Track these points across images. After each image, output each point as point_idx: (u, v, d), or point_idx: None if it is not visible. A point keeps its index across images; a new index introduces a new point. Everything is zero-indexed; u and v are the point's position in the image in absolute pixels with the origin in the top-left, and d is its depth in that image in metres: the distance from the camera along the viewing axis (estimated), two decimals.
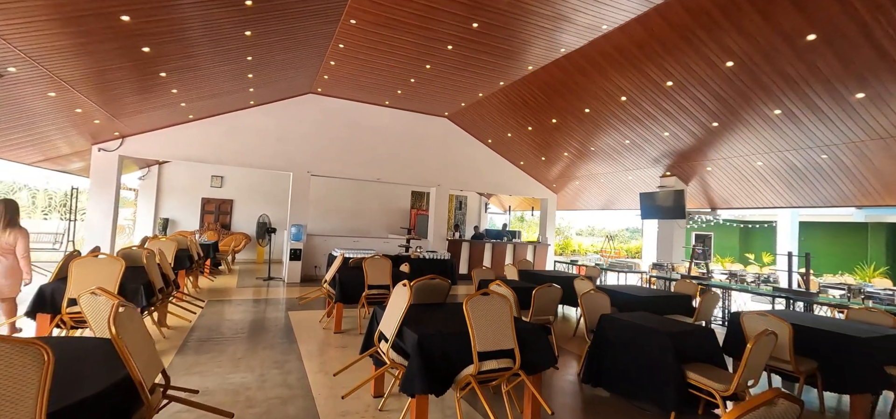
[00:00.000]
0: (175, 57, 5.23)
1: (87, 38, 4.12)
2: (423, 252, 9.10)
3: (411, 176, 10.37)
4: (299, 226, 8.91)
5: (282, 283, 8.67)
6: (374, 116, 9.92)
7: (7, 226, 3.77)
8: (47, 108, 5.51)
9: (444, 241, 10.56)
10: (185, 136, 8.20)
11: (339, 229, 13.09)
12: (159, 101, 6.61)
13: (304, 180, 9.19)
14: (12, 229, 3.79)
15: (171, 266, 6.17)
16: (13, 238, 3.80)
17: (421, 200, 14.68)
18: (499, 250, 11.17)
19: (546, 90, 7.59)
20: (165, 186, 11.39)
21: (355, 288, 5.16)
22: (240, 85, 7.19)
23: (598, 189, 11.40)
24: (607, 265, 8.89)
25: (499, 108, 8.95)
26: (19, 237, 3.83)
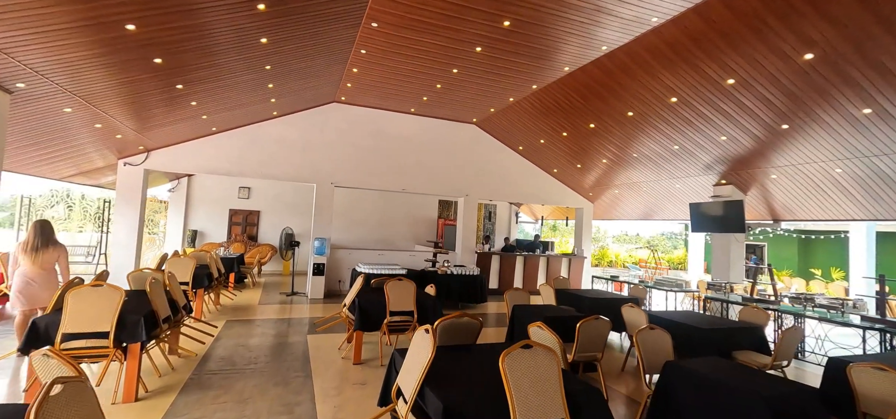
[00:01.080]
0: (190, 68, 4.98)
1: (94, 49, 3.89)
2: (451, 267, 8.60)
3: (438, 186, 9.91)
4: (322, 240, 8.61)
5: (305, 299, 8.38)
6: (400, 124, 9.54)
7: (46, 244, 4.05)
8: (67, 123, 5.40)
9: (473, 254, 10.01)
10: (208, 149, 8.08)
11: (364, 240, 12.79)
12: (180, 114, 6.44)
13: (327, 192, 8.91)
14: (54, 247, 4.10)
15: (188, 284, 5.98)
16: (54, 254, 4.10)
17: (448, 209, 14.21)
18: (531, 264, 10.51)
19: (584, 92, 6.94)
20: (194, 198, 11.44)
21: (376, 313, 4.71)
22: (261, 95, 6.95)
23: (638, 198, 10.55)
24: (653, 282, 8.08)
25: (531, 114, 8.36)
26: (60, 254, 4.17)
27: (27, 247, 3.99)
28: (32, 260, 3.98)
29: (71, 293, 3.24)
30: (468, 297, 8.12)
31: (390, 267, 8.04)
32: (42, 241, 4.02)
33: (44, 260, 4.02)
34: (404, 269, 8.05)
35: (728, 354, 4.25)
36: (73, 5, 3.21)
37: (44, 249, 4.02)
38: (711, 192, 8.05)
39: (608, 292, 6.83)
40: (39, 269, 4.01)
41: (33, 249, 3.99)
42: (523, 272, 10.46)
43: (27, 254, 3.98)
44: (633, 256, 16.83)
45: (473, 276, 8.27)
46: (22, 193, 9.39)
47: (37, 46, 3.55)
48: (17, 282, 3.99)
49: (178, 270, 5.93)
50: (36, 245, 4.00)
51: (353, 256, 9.20)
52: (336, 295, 8.83)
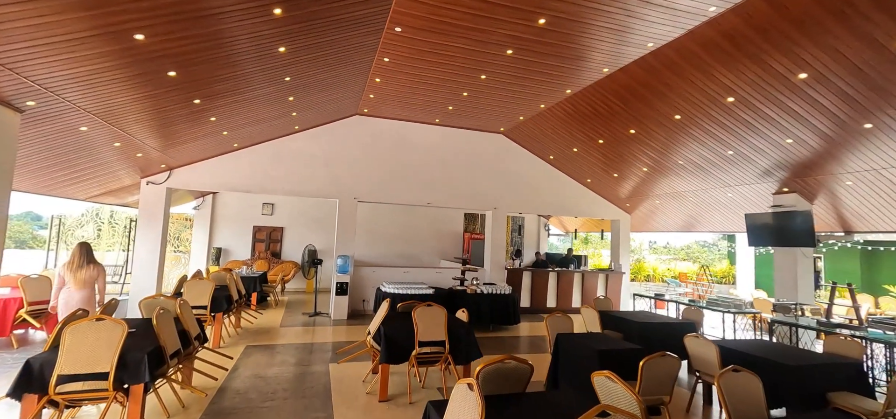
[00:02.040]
0: (206, 81, 4.73)
1: (104, 62, 3.64)
2: (480, 285, 8.07)
3: (465, 199, 9.44)
4: (346, 258, 8.26)
5: (328, 320, 8.01)
6: (425, 136, 9.16)
7: (87, 264, 4.37)
8: (86, 143, 5.25)
9: (503, 270, 9.45)
10: (231, 166, 7.90)
11: (388, 256, 12.42)
12: (200, 130, 6.25)
13: (350, 207, 8.58)
14: (94, 266, 4.41)
15: (206, 308, 5.69)
16: (94, 273, 4.40)
17: (474, 223, 13.71)
18: (565, 280, 9.84)
19: (624, 95, 6.36)
20: (219, 215, 11.38)
21: (404, 343, 4.24)
22: (281, 109, 6.71)
23: (681, 208, 9.76)
24: (705, 301, 7.30)
25: (563, 121, 7.81)
26: (100, 273, 4.45)
27: (72, 266, 4.32)
28: (75, 278, 4.31)
29: (69, 329, 2.92)
30: (500, 319, 7.56)
31: (416, 286, 7.59)
32: (84, 261, 4.36)
33: (85, 278, 4.35)
34: (431, 289, 7.58)
35: (822, 397, 3.55)
36: (76, 13, 2.94)
37: (85, 268, 4.35)
38: (770, 201, 7.24)
39: (658, 315, 6.14)
40: (81, 287, 4.34)
41: (77, 268, 4.32)
42: (557, 289, 9.80)
43: (72, 273, 4.31)
44: (673, 270, 15.80)
45: (505, 296, 7.71)
46: (53, 213, 9.50)
47: (42, 60, 3.32)
48: (62, 298, 4.35)
49: (195, 294, 5.66)
50: (79, 264, 4.33)
51: (378, 275, 8.81)
52: (360, 315, 8.43)
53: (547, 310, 9.66)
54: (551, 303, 9.76)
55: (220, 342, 5.85)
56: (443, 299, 7.45)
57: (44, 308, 5.78)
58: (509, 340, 7.02)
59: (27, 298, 5.56)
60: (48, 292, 5.83)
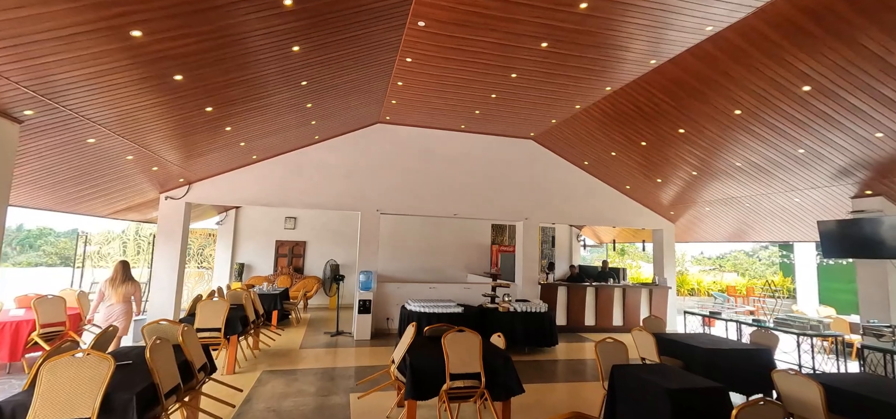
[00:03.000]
0: (216, 86, 4.39)
1: (100, 64, 3.31)
2: (513, 301, 7.43)
3: (494, 209, 8.86)
4: (368, 274, 7.80)
5: (351, 340, 7.54)
6: (450, 143, 8.67)
7: (126, 280, 5.05)
8: (96, 156, 5.00)
9: (536, 286, 8.77)
10: (250, 179, 7.63)
11: (412, 270, 11.92)
12: (215, 141, 5.95)
13: (373, 220, 8.15)
14: (131, 282, 5.10)
15: (220, 330, 5.31)
16: (132, 288, 5.10)
17: (502, 234, 13.07)
18: (604, 296, 9.05)
19: (673, 90, 5.67)
20: (242, 230, 11.20)
21: (434, 374, 3.67)
22: (300, 117, 6.36)
23: (733, 215, 8.84)
24: (771, 321, 6.40)
25: (601, 122, 7.15)
26: (136, 288, 5.16)
27: (114, 283, 4.97)
28: (116, 293, 4.96)
29: (47, 367, 2.52)
30: (536, 340, 6.88)
31: (444, 304, 7.03)
32: (123, 277, 5.02)
33: (124, 293, 5.00)
34: (460, 306, 7.00)
35: None
36: (60, 4, 2.59)
37: (125, 284, 5.01)
38: (848, 206, 6.33)
39: (726, 340, 5.32)
40: (120, 301, 4.99)
41: (120, 284, 4.97)
42: (595, 306, 9.02)
43: (114, 289, 4.95)
44: (719, 282, 14.59)
45: (541, 314, 7.04)
46: (79, 231, 9.51)
47: (30, 61, 3.00)
48: (103, 312, 4.98)
49: (208, 315, 5.29)
50: (121, 280, 4.99)
51: (402, 291, 8.30)
52: (384, 335, 7.93)
53: (585, 328, 8.89)
54: (589, 321, 8.98)
55: (234, 367, 5.45)
56: (473, 318, 6.86)
57: (58, 330, 5.55)
58: (547, 365, 6.33)
59: (40, 320, 5.33)
60: (63, 313, 5.61)
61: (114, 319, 4.92)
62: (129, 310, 5.09)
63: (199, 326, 5.26)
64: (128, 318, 5.10)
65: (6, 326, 5.17)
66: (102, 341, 3.50)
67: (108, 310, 4.96)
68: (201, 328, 5.26)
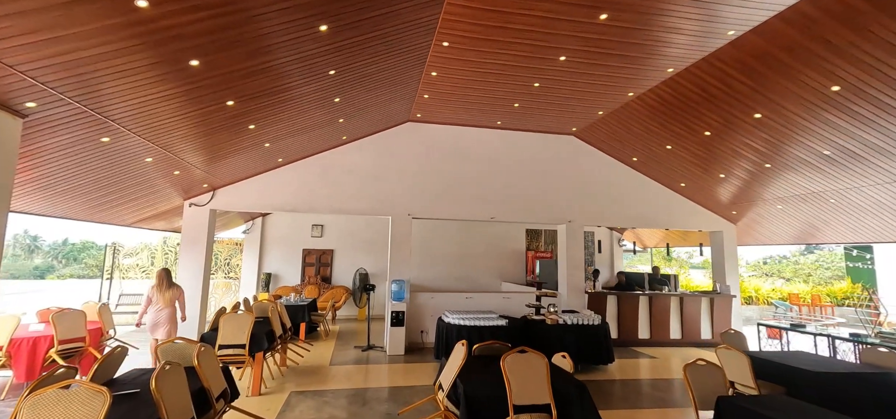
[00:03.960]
0: (236, 75, 3.93)
1: (106, 45, 2.87)
2: (559, 312, 6.69)
3: (534, 212, 8.16)
4: (401, 283, 7.23)
5: (383, 355, 6.97)
6: (485, 142, 8.06)
7: (170, 286, 5.30)
8: (113, 158, 4.65)
9: (582, 294, 7.99)
10: (276, 183, 7.23)
11: (444, 279, 11.31)
12: (239, 141, 5.54)
13: (404, 225, 7.60)
14: (175, 288, 5.37)
15: (245, 347, 4.82)
16: (176, 293, 5.37)
17: (537, 240, 12.31)
18: (659, 306, 8.16)
19: (753, 67, 4.87)
20: (268, 239, 10.89)
21: (492, 405, 3.02)
22: (327, 114, 5.89)
23: (808, 213, 7.83)
24: (875, 335, 5.42)
25: (657, 111, 6.38)
26: (180, 293, 5.44)
27: (161, 288, 5.22)
28: (163, 297, 5.20)
29: (30, 402, 2.03)
30: (590, 356, 6.11)
31: (484, 316, 6.37)
32: (167, 284, 5.27)
33: (170, 298, 5.25)
34: (502, 318, 6.33)
35: None
36: None
37: (169, 289, 5.26)
38: None
39: (833, 360, 4.44)
40: (167, 305, 5.22)
41: (166, 289, 5.23)
42: (650, 317, 8.14)
43: (161, 294, 5.19)
44: (780, 290, 13.29)
45: (595, 327, 6.27)
46: (107, 241, 9.40)
47: (21, 40, 2.57)
48: (150, 317, 5.21)
49: (231, 330, 4.82)
50: (166, 286, 5.25)
51: (437, 302, 7.68)
52: (418, 350, 7.32)
53: (638, 342, 8.02)
54: (643, 334, 8.10)
55: (260, 388, 4.95)
56: (517, 332, 6.17)
57: (78, 347, 5.21)
58: (609, 387, 5.55)
59: (58, 336, 4.99)
60: (82, 328, 5.28)
61: (162, 324, 5.20)
62: (174, 315, 5.37)
63: (223, 343, 4.79)
64: (174, 323, 5.38)
65: (23, 343, 4.84)
66: (107, 365, 3.03)
67: (157, 314, 5.21)
68: (224, 345, 4.80)
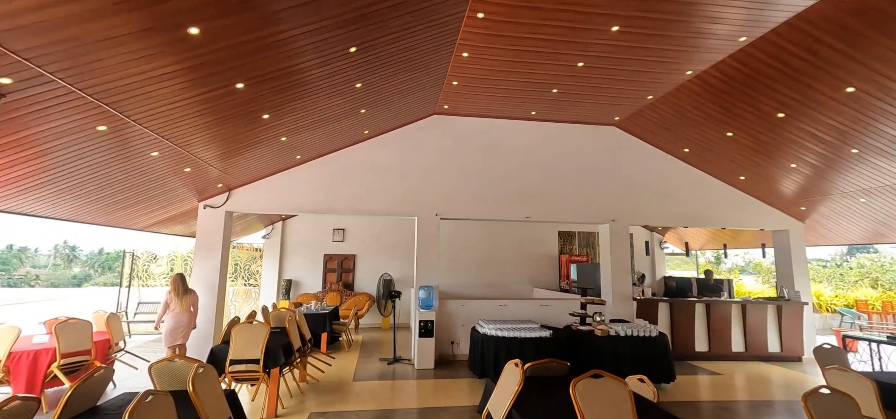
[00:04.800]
0: (243, 50, 3.41)
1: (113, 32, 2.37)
2: (606, 321, 5.92)
3: (573, 210, 7.42)
4: (429, 290, 6.61)
5: (411, 368, 6.34)
6: (518, 135, 7.40)
7: (186, 290, 5.25)
8: (113, 151, 4.21)
9: (629, 301, 7.17)
10: (295, 183, 6.75)
11: (472, 285, 10.63)
12: (252, 133, 5.06)
13: (432, 226, 6.98)
14: (191, 293, 5.30)
15: (259, 362, 4.28)
16: (192, 298, 5.30)
17: (571, 242, 11.49)
18: (719, 315, 7.25)
19: (847, 29, 4.05)
20: (289, 244, 10.48)
21: None
22: (348, 102, 5.35)
23: (882, 209, 6.80)
24: None
25: (718, 91, 5.57)
26: (195, 298, 5.36)
27: (178, 293, 5.17)
28: (180, 301, 5.16)
29: None
30: (648, 373, 5.29)
31: (524, 326, 5.67)
32: (184, 289, 5.25)
33: (187, 302, 5.23)
34: (546, 329, 5.61)
35: None
36: None
37: (187, 294, 5.25)
38: None
39: None
40: (183, 310, 5.18)
41: (182, 294, 5.20)
42: (708, 327, 7.23)
43: (178, 298, 5.15)
44: (845, 297, 12.00)
45: (651, 339, 5.47)
46: (124, 249, 9.16)
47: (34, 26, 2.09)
48: (169, 322, 5.11)
49: (244, 343, 4.28)
50: (183, 291, 5.22)
51: (468, 310, 7.02)
52: (449, 363, 6.66)
53: (695, 355, 7.12)
54: (700, 347, 7.20)
55: (277, 409, 4.39)
56: (563, 345, 5.44)
57: (83, 361, 4.79)
58: (674, 409, 4.75)
59: (61, 349, 4.57)
60: (88, 341, 4.86)
61: (180, 330, 5.19)
62: (191, 319, 5.35)
63: (234, 358, 4.27)
64: (190, 328, 5.36)
65: (23, 357, 4.44)
66: (87, 389, 2.51)
67: (177, 319, 5.18)
68: (237, 359, 4.27)
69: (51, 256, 39.20)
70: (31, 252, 39.05)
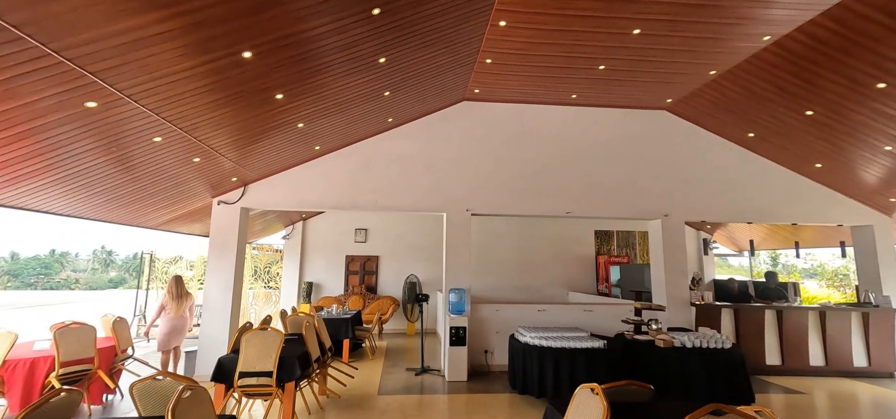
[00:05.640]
0: (247, 5, 2.87)
1: None
2: (664, 329, 5.12)
3: (619, 204, 6.64)
4: (460, 293, 5.96)
5: (441, 381, 5.71)
6: (556, 122, 6.69)
7: (181, 295, 5.33)
8: (105, 133, 3.76)
9: (686, 307, 6.33)
10: (313, 177, 6.24)
11: (502, 289, 9.94)
12: (265, 117, 4.55)
13: (462, 223, 6.35)
14: (188, 296, 5.40)
15: (272, 376, 3.73)
16: (189, 301, 5.41)
17: (608, 242, 10.64)
18: (793, 323, 6.31)
19: None
20: (309, 245, 10.04)
21: None
22: (371, 85, 4.79)
23: None
24: None
25: (802, 59, 4.72)
26: (191, 301, 5.46)
27: (173, 295, 5.19)
28: (177, 305, 5.18)
29: None
30: (724, 392, 4.48)
31: (571, 335, 4.95)
32: (181, 291, 5.27)
33: (184, 306, 5.24)
34: (597, 339, 4.86)
35: None
36: None
37: (184, 298, 5.28)
38: None
39: None
40: (179, 314, 5.18)
41: (177, 297, 5.21)
42: (779, 336, 6.30)
43: (174, 301, 5.16)
44: None
45: (726, 352, 4.64)
46: (142, 250, 8.89)
47: None
48: (164, 326, 5.10)
49: (255, 354, 3.74)
50: (178, 293, 5.23)
51: (503, 315, 6.33)
52: (483, 374, 5.99)
53: (766, 369, 6.20)
54: (772, 360, 6.26)
55: None
56: (619, 358, 4.68)
57: (85, 370, 4.37)
58: None
59: (61, 357, 4.15)
60: (91, 348, 4.43)
61: (178, 333, 5.24)
62: (186, 322, 5.38)
63: (244, 370, 3.73)
64: (184, 334, 5.38)
65: (19, 365, 4.03)
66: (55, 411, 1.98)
67: (174, 322, 5.22)
68: (247, 372, 3.73)
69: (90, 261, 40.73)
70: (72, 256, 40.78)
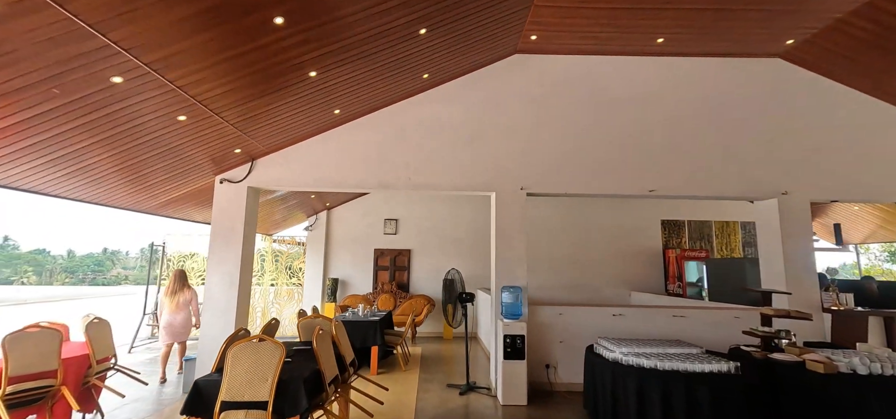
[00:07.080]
0: None
1: None
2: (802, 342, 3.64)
3: (717, 180, 5.17)
4: (516, 292, 4.69)
5: (493, 403, 4.47)
6: (633, 78, 5.30)
7: (181, 288, 5.33)
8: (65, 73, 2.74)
9: (819, 314, 4.79)
10: (332, 150, 5.15)
11: (552, 288, 8.59)
12: (272, 63, 3.43)
13: (515, 205, 5.07)
14: (187, 290, 5.37)
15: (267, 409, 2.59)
16: (188, 296, 5.35)
17: (679, 234, 9.06)
18: None
19: None
20: (334, 237, 9.04)
21: None
22: (401, 18, 3.59)
23: None
24: None
25: None
26: (192, 296, 5.41)
27: (168, 292, 5.28)
28: (171, 301, 5.24)
29: None
30: None
31: (678, 350, 3.59)
32: (178, 286, 5.32)
33: (180, 301, 5.25)
34: (720, 359, 3.47)
35: None
36: None
37: (180, 292, 5.29)
38: None
39: None
40: (176, 309, 5.23)
41: (172, 293, 5.27)
42: None
43: (168, 297, 5.25)
44: None
45: None
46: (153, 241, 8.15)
47: None
48: (162, 320, 5.25)
49: (246, 376, 2.63)
50: (174, 289, 5.30)
51: (568, 320, 5.02)
52: (544, 394, 4.70)
53: None
54: None
55: None
56: (758, 388, 3.28)
57: (46, 387, 3.42)
58: None
59: (8, 370, 3.21)
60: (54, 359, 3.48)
61: (176, 327, 5.20)
62: (188, 319, 5.30)
63: (227, 398, 2.63)
64: (187, 326, 5.29)
65: None
66: None
67: (169, 319, 5.17)
68: (231, 402, 2.63)
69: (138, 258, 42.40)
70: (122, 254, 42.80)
